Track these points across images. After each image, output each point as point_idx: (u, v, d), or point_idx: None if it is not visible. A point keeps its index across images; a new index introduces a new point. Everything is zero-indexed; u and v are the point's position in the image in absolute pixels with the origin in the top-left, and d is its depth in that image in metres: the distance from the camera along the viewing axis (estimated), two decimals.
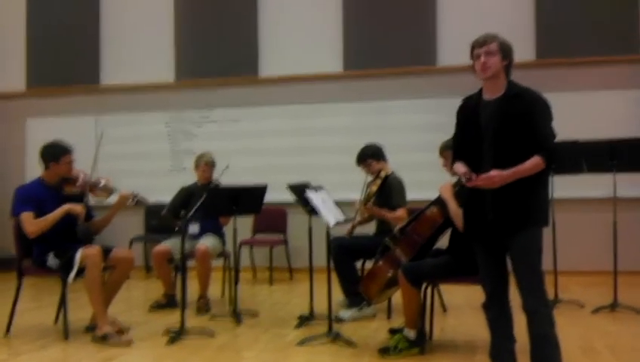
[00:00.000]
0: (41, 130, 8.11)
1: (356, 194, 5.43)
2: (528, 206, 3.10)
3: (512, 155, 3.05)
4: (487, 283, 3.33)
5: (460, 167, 3.23)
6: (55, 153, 4.73)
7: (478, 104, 3.24)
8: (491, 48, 3.15)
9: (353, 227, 5.33)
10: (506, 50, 3.17)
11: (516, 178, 3.04)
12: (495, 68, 3.15)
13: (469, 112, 3.28)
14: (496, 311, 3.32)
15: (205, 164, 5.89)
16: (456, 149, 3.39)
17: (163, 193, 5.93)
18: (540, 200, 3.16)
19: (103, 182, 4.84)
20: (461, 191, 3.90)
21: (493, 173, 3.06)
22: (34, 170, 4.83)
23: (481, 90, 3.27)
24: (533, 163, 3.03)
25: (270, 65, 7.96)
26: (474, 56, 3.20)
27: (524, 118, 3.06)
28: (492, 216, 3.15)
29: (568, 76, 6.99)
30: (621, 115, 6.89)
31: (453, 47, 7.37)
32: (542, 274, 3.14)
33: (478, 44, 3.19)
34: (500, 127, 3.10)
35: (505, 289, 3.29)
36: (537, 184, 3.11)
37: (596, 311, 5.22)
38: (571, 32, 7.12)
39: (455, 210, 3.87)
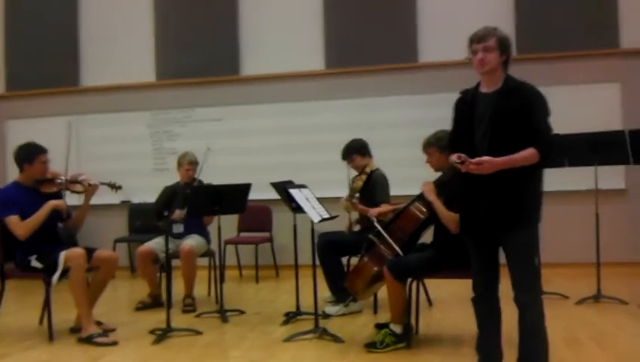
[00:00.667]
0: (22, 131, 8.01)
1: (341, 192, 5.45)
2: (522, 201, 3.09)
3: (506, 148, 3.03)
4: (477, 277, 3.33)
5: (454, 156, 3.18)
6: (28, 154, 4.70)
7: (474, 97, 3.24)
8: (489, 44, 3.13)
9: (351, 224, 5.34)
10: (504, 46, 3.14)
11: (508, 166, 3.02)
12: (493, 64, 3.14)
13: (466, 106, 3.27)
14: (486, 306, 3.32)
15: (189, 163, 5.88)
16: (452, 142, 3.35)
17: (146, 193, 5.91)
18: (535, 196, 3.15)
19: (78, 178, 4.82)
20: (446, 187, 3.93)
21: (484, 158, 3.05)
22: (14, 171, 4.78)
23: (478, 84, 3.26)
24: (528, 153, 3.01)
25: (252, 63, 7.94)
26: (472, 50, 3.17)
27: (520, 111, 3.05)
28: (484, 211, 3.15)
29: (549, 71, 7.03)
30: (602, 108, 6.96)
31: (434, 43, 7.40)
32: (537, 269, 3.13)
33: (476, 39, 3.15)
34: (496, 120, 3.09)
35: (495, 284, 3.29)
36: (531, 179, 3.11)
37: (580, 302, 5.28)
38: (551, 26, 7.17)
39: (443, 211, 3.89)
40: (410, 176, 5.73)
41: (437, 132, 4.20)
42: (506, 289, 3.23)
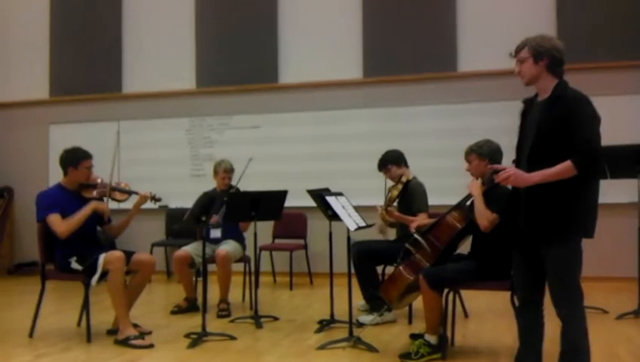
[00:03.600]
0: (64, 136, 8.22)
1: (376, 200, 5.43)
2: (563, 214, 2.98)
3: (547, 159, 2.96)
4: (520, 289, 3.29)
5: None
6: (74, 158, 4.79)
7: (531, 106, 3.20)
8: (522, 55, 3.12)
9: (383, 228, 5.32)
10: (539, 52, 3.07)
11: (542, 181, 2.95)
12: (530, 74, 3.11)
13: (522, 114, 3.25)
14: (528, 319, 3.27)
15: (224, 171, 5.92)
16: (516, 153, 3.29)
17: (183, 199, 5.98)
18: (578, 210, 3.00)
19: (121, 185, 4.92)
20: (488, 192, 3.89)
21: (511, 170, 3.02)
22: (57, 175, 4.88)
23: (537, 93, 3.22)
24: (563, 167, 2.91)
25: (290, 72, 7.99)
26: None
27: (561, 120, 2.97)
28: (524, 222, 3.10)
29: (589, 81, 6.91)
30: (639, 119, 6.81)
31: (473, 52, 7.35)
32: (578, 286, 3.04)
33: (513, 54, 3.17)
34: (541, 130, 3.03)
35: (539, 297, 3.22)
36: (575, 192, 2.96)
37: (620, 317, 5.16)
38: (593, 36, 7.05)
39: (481, 208, 3.85)
40: (447, 185, 5.72)
41: (479, 141, 4.20)
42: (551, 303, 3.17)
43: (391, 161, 5.41)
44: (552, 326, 3.15)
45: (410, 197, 5.21)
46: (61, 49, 8.70)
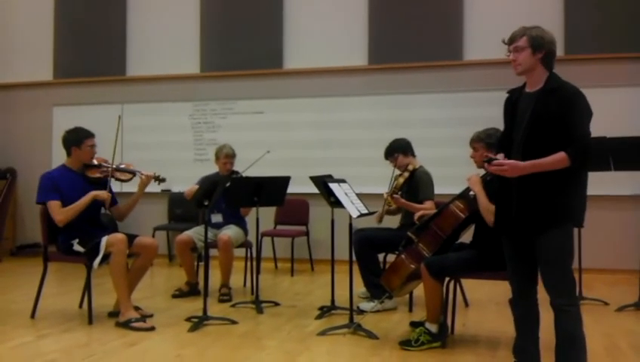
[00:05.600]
0: (67, 118, 8.20)
1: (380, 188, 5.42)
2: (554, 204, 3.00)
3: (540, 150, 2.97)
4: (514, 279, 3.28)
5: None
6: (77, 138, 4.79)
7: (519, 97, 3.19)
8: (519, 44, 3.10)
9: (381, 215, 5.29)
10: (537, 43, 3.06)
11: (535, 171, 2.97)
12: (525, 64, 3.10)
13: (510, 105, 3.24)
14: (523, 309, 3.27)
15: (225, 156, 5.89)
16: (499, 142, 3.33)
17: (186, 183, 5.95)
18: (570, 199, 3.03)
19: (124, 165, 4.92)
20: (490, 184, 3.88)
21: (506, 161, 3.03)
22: (60, 157, 4.89)
23: (525, 83, 3.21)
24: (556, 158, 2.94)
25: (295, 57, 7.96)
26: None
27: (558, 112, 2.97)
28: (515, 211, 3.11)
29: (596, 72, 6.89)
30: None
31: (479, 40, 7.31)
32: (569, 274, 3.05)
33: (508, 41, 3.15)
34: (533, 121, 3.04)
35: (532, 286, 3.23)
36: (567, 182, 3.00)
37: (621, 309, 5.16)
38: (601, 27, 7.01)
39: (485, 203, 3.83)
40: (450, 174, 5.71)
41: (488, 129, 4.15)
42: (545, 292, 3.17)
43: (398, 150, 5.39)
44: (548, 316, 3.15)
45: (416, 185, 5.19)
46: (66, 31, 8.68)
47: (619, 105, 6.70)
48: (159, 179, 4.95)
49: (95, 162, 4.85)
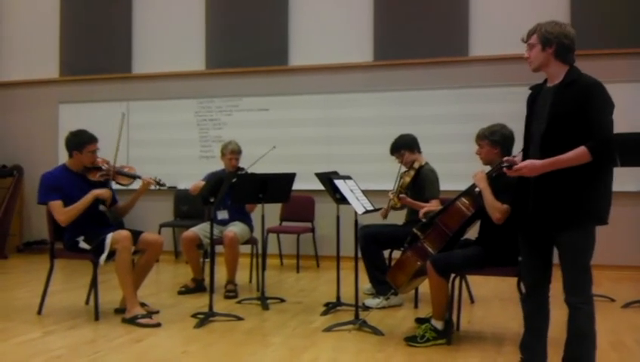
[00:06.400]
0: (73, 115, 8.27)
1: (385, 185, 5.43)
2: (577, 200, 2.95)
3: (560, 145, 2.94)
4: (527, 275, 3.27)
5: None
6: (79, 142, 4.79)
7: (540, 92, 3.18)
8: (531, 42, 3.12)
9: (387, 211, 5.29)
10: (546, 39, 3.05)
11: (555, 168, 2.93)
12: (537, 60, 3.10)
13: (531, 101, 3.23)
14: (534, 305, 3.27)
15: (231, 152, 5.90)
16: (524, 138, 3.28)
17: (192, 180, 5.95)
18: (592, 197, 2.96)
19: (125, 170, 4.93)
20: (495, 180, 3.87)
21: (523, 163, 3.02)
22: (65, 154, 4.89)
23: (546, 79, 3.19)
24: (576, 153, 2.89)
25: (300, 54, 7.95)
26: None
27: (575, 106, 2.94)
28: (532, 207, 3.08)
29: (602, 67, 6.84)
30: None
31: (485, 37, 7.28)
32: (588, 272, 3.03)
33: (525, 40, 3.16)
34: (552, 116, 3.01)
35: (545, 283, 3.22)
36: (588, 178, 2.93)
37: (627, 305, 5.15)
38: (607, 22, 6.97)
39: (491, 200, 3.82)
40: (457, 171, 5.69)
41: (493, 125, 4.12)
42: (556, 289, 3.16)
43: (404, 146, 5.37)
44: (557, 313, 3.14)
45: (422, 183, 5.18)
46: (72, 29, 8.69)
47: (626, 101, 6.64)
48: (160, 184, 4.94)
49: (97, 165, 4.84)
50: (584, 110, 2.92)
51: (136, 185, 4.97)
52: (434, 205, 4.90)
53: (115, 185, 4.93)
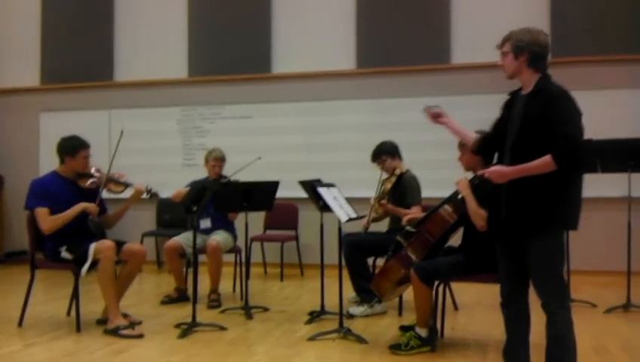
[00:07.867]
0: (55, 124, 8.19)
1: (369, 192, 5.43)
2: (543, 207, 2.99)
3: (529, 153, 2.97)
4: (505, 282, 3.28)
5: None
6: (72, 147, 4.75)
7: (515, 99, 3.21)
8: (504, 49, 3.15)
9: (368, 222, 5.29)
10: (518, 48, 3.08)
11: (522, 175, 2.97)
12: (509, 68, 3.14)
13: (505, 107, 3.27)
14: (513, 312, 3.27)
15: (214, 159, 5.89)
16: (483, 138, 3.37)
17: (175, 188, 5.92)
18: (560, 204, 2.99)
19: (117, 177, 4.88)
20: (478, 188, 3.88)
21: (490, 168, 3.07)
22: (47, 163, 4.85)
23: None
24: (542, 161, 2.92)
25: (283, 62, 7.95)
26: None
27: (542, 114, 2.97)
28: (505, 214, 3.12)
29: (583, 74, 6.91)
30: (637, 113, 6.81)
31: (467, 44, 7.33)
32: (560, 277, 3.06)
33: (499, 47, 3.20)
34: (522, 124, 3.05)
35: (523, 289, 3.23)
36: (556, 185, 2.97)
37: (609, 311, 5.19)
38: (587, 30, 7.04)
39: (474, 207, 3.84)
40: (438, 178, 5.71)
41: (475, 131, 4.14)
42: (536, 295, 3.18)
43: (386, 152, 5.40)
44: (538, 319, 3.16)
45: (403, 189, 5.20)
46: (53, 36, 8.62)
47: (607, 108, 6.73)
48: (151, 193, 4.90)
49: (88, 172, 4.80)
50: (550, 119, 2.95)
51: (126, 194, 4.92)
52: (415, 212, 4.92)
53: (105, 194, 4.87)
